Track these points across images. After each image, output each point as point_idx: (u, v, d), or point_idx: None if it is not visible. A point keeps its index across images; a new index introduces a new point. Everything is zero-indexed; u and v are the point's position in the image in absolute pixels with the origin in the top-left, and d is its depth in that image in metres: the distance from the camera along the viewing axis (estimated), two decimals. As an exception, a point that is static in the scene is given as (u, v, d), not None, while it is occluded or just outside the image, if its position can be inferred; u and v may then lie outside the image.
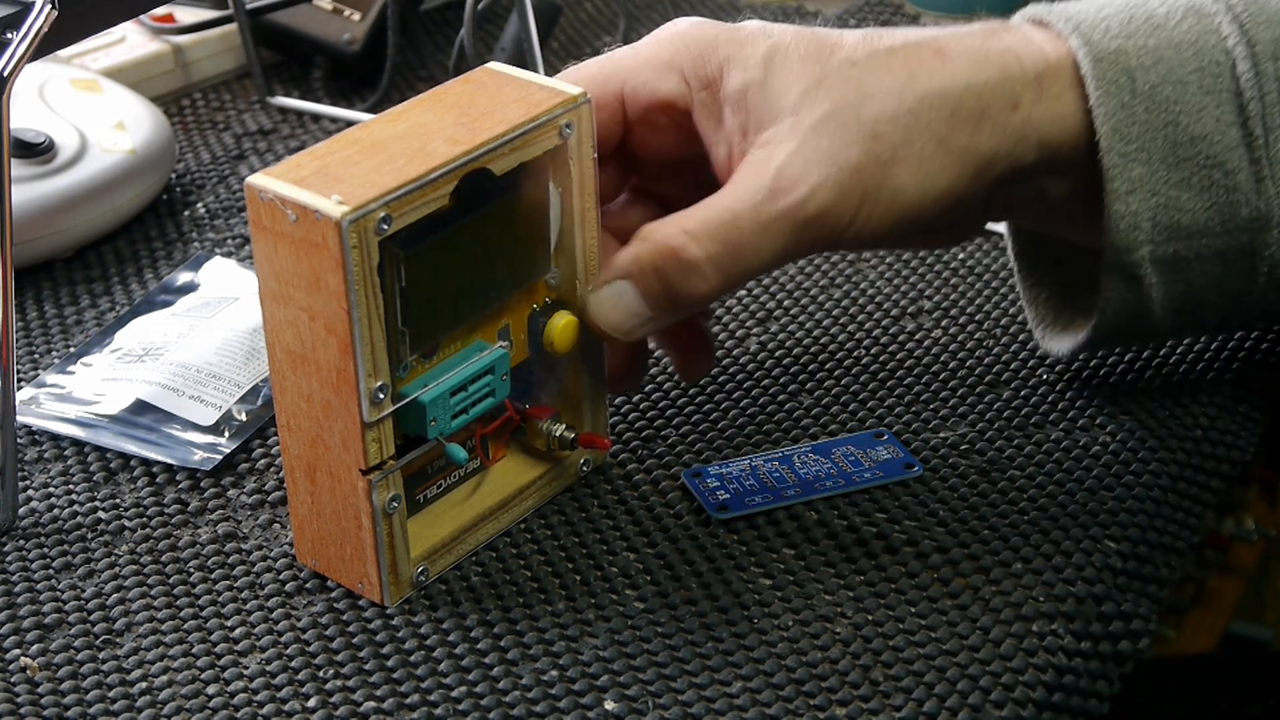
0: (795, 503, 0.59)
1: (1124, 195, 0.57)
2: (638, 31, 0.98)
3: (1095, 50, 0.57)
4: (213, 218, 0.80)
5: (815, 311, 0.71)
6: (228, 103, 0.91)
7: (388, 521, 0.54)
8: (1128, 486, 0.60)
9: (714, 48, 0.57)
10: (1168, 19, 0.57)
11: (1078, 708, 0.53)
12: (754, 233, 0.55)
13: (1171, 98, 0.56)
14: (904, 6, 1.02)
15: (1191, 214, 0.57)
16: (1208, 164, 0.57)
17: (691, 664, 0.53)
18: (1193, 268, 0.58)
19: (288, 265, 0.51)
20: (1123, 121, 0.56)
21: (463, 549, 0.57)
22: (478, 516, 0.58)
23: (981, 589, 0.55)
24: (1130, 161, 0.56)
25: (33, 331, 0.71)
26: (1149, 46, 0.57)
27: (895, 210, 0.56)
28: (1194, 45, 0.57)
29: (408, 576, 0.55)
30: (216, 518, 0.60)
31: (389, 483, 0.53)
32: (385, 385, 0.52)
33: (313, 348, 0.52)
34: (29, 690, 0.53)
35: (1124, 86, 0.56)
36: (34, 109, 0.80)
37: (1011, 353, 0.68)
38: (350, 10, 0.91)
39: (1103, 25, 0.57)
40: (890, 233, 0.57)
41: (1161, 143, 0.56)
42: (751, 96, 0.56)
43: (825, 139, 0.55)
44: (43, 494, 0.61)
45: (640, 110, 0.59)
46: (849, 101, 0.55)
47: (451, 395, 0.54)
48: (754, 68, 0.57)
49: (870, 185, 0.55)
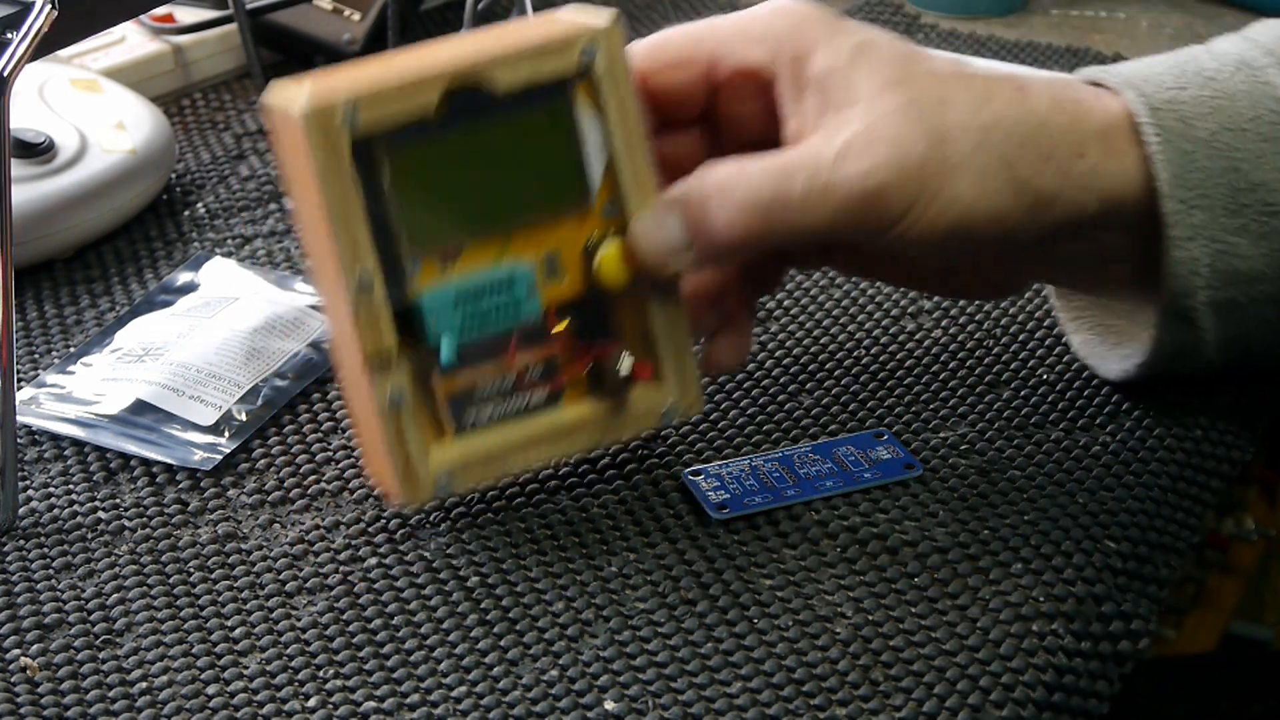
0: (795, 503, 0.59)
1: (1184, 242, 0.57)
2: (638, 31, 0.98)
3: (1150, 101, 0.57)
4: (213, 218, 0.80)
5: (815, 311, 0.71)
6: (228, 103, 0.91)
7: (395, 417, 0.55)
8: (1128, 486, 0.60)
9: (809, 27, 0.58)
10: (1219, 72, 0.58)
11: (1078, 708, 0.53)
12: (806, 191, 0.56)
13: (1231, 144, 0.57)
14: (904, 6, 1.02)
15: (1249, 260, 0.58)
16: (1267, 211, 0.57)
17: (691, 664, 0.53)
18: (1248, 312, 0.59)
19: (285, 164, 0.54)
20: (1183, 168, 0.57)
21: (501, 470, 0.57)
22: (525, 439, 0.57)
23: (981, 589, 0.55)
24: (1191, 208, 0.57)
25: (33, 331, 0.71)
26: (1203, 97, 0.58)
27: (948, 218, 0.56)
28: (1248, 95, 0.58)
29: (427, 480, 0.56)
30: (216, 518, 0.60)
31: (392, 374, 0.54)
32: (368, 270, 0.53)
33: (314, 240, 0.54)
34: (29, 690, 0.53)
35: (1181, 134, 0.57)
36: (34, 109, 0.80)
37: (1011, 353, 0.68)
38: (350, 10, 0.91)
39: (1156, 79, 0.58)
40: (938, 244, 0.57)
41: (1222, 189, 0.57)
42: (834, 81, 0.57)
43: (896, 127, 0.56)
44: (43, 494, 0.61)
45: (727, 74, 0.60)
46: (927, 102, 0.56)
47: (461, 302, 0.55)
48: (842, 55, 0.57)
49: (929, 183, 0.56)
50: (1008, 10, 1.02)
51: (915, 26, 1.00)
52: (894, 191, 0.56)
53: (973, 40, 0.98)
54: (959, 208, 0.56)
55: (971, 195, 0.56)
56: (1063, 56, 0.95)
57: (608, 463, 0.61)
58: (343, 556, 0.58)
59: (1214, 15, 1.02)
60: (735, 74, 0.60)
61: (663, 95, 0.60)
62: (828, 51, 0.57)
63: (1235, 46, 0.60)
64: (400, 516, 0.59)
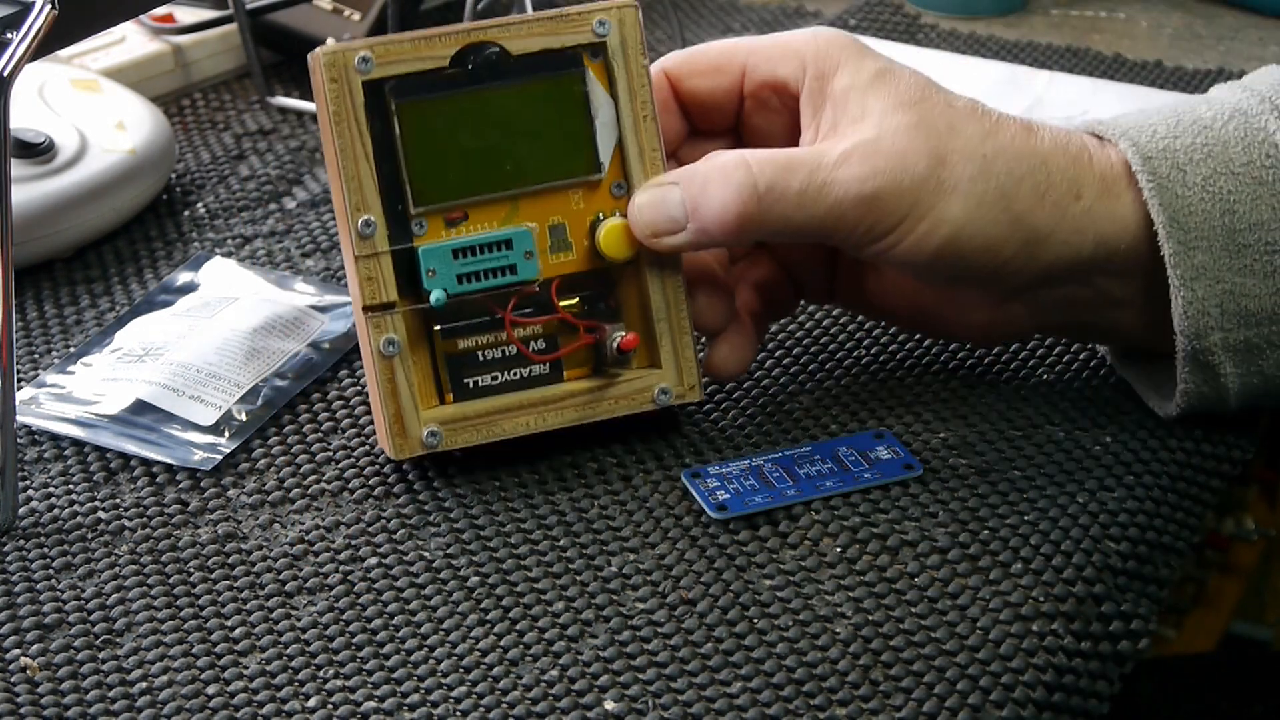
0: (795, 503, 0.59)
1: (1189, 282, 0.59)
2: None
3: (1144, 150, 0.59)
4: (213, 218, 0.80)
5: (815, 311, 0.71)
6: (228, 103, 0.91)
7: (387, 365, 0.57)
8: (1128, 487, 0.60)
9: (838, 50, 0.61)
10: (1214, 121, 0.60)
11: (1078, 708, 0.53)
12: (804, 186, 0.58)
13: (1225, 188, 0.59)
14: (904, 6, 1.02)
15: (1258, 299, 0.59)
16: (1269, 250, 0.59)
17: (691, 664, 0.53)
18: (1266, 356, 0.60)
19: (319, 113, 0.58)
20: (1179, 211, 0.59)
21: (490, 432, 0.59)
22: (518, 405, 0.60)
23: (981, 589, 0.55)
24: (1191, 249, 0.59)
25: (33, 331, 0.71)
26: (1197, 144, 0.60)
27: (938, 237, 0.58)
28: (1242, 141, 0.60)
29: (416, 434, 0.58)
30: (216, 518, 0.60)
31: (388, 324, 0.57)
32: (371, 220, 0.57)
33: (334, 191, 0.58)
34: (29, 690, 0.53)
35: (1176, 180, 0.59)
36: (34, 109, 0.80)
37: (1012, 352, 0.68)
38: (350, 10, 0.91)
39: (1150, 129, 0.60)
40: (928, 263, 0.59)
41: (1220, 230, 0.59)
42: (851, 98, 0.60)
43: (902, 142, 0.58)
44: (43, 494, 0.61)
45: (756, 85, 0.63)
46: (935, 126, 0.59)
47: (459, 256, 0.58)
48: (863, 77, 0.60)
49: (924, 200, 0.58)
50: (1008, 10, 1.02)
51: (915, 26, 1.00)
52: (888, 200, 0.58)
53: (973, 40, 0.98)
54: (949, 228, 0.58)
55: (964, 219, 0.58)
56: (1063, 56, 0.95)
57: (608, 463, 0.61)
58: (343, 556, 0.58)
59: (1214, 15, 1.02)
60: (763, 85, 0.63)
61: (695, 101, 0.64)
62: (850, 72, 0.60)
63: (1233, 96, 0.62)
64: (400, 516, 0.59)
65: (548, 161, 0.59)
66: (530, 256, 0.58)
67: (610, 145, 0.60)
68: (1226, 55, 0.96)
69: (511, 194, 0.59)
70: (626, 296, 0.61)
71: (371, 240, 0.57)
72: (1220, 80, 0.91)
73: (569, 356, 0.60)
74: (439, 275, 0.58)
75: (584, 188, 0.60)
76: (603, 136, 0.60)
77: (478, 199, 0.58)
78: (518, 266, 0.58)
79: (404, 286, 0.58)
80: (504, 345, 0.60)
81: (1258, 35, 0.99)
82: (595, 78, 0.59)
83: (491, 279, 0.58)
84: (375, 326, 0.57)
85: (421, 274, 0.58)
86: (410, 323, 0.58)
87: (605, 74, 0.60)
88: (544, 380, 0.60)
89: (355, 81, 0.57)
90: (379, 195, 0.57)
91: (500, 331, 0.59)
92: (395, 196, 0.58)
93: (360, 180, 0.57)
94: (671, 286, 0.60)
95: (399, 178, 0.58)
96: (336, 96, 0.57)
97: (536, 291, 0.59)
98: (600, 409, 0.60)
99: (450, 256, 0.58)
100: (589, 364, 0.61)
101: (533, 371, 0.60)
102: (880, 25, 0.99)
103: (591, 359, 0.61)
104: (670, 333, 0.61)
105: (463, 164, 0.58)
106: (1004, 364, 0.67)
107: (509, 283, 0.59)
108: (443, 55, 0.58)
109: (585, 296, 0.60)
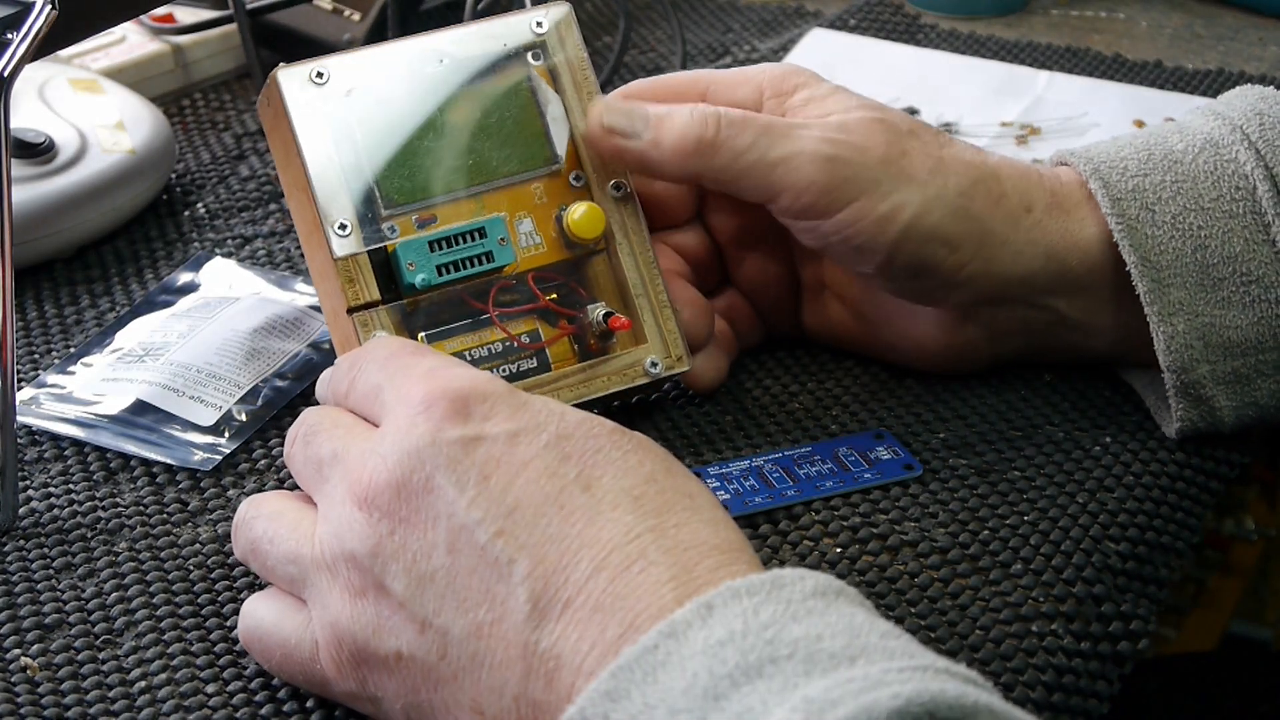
0: (795, 503, 0.59)
1: (1168, 318, 0.60)
2: (637, 32, 0.98)
3: (1113, 191, 0.60)
4: (213, 218, 0.80)
5: (815, 311, 0.71)
6: (228, 103, 0.91)
7: None
8: (1128, 487, 0.60)
9: (795, 75, 0.63)
10: (1185, 154, 0.61)
11: (1078, 708, 0.53)
12: (766, 128, 0.60)
13: (1195, 224, 0.60)
14: (904, 6, 1.02)
15: (1240, 330, 0.60)
16: (1245, 281, 0.60)
17: (691, 664, 0.53)
18: (1257, 385, 0.60)
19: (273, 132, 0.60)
20: (1150, 251, 0.60)
21: None
22: None
23: (981, 589, 0.55)
24: (1165, 286, 0.60)
25: (33, 331, 0.71)
26: (1167, 181, 0.60)
27: (897, 223, 0.59)
28: (1211, 175, 0.60)
29: None
30: (216, 518, 0.60)
31: (375, 320, 0.59)
32: (346, 222, 0.58)
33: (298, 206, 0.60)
34: (29, 690, 0.53)
35: (1145, 220, 0.60)
36: (34, 109, 0.80)
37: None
38: (350, 10, 0.91)
39: (1120, 165, 0.61)
40: (886, 255, 0.59)
41: (1193, 266, 0.60)
42: (813, 104, 0.62)
43: (864, 129, 0.60)
44: (43, 494, 0.61)
45: None
46: (896, 125, 0.61)
47: (435, 249, 0.59)
48: (821, 90, 0.62)
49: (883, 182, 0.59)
50: (1008, 10, 1.02)
51: (915, 26, 1.00)
52: (846, 169, 0.59)
53: (973, 40, 0.98)
54: (908, 214, 0.59)
55: (923, 208, 0.59)
56: (1063, 56, 0.95)
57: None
58: (343, 556, 0.58)
59: (1214, 15, 1.02)
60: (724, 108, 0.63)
61: None
62: (809, 90, 0.62)
63: (1206, 124, 0.62)
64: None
65: (507, 159, 0.61)
66: (505, 243, 0.60)
67: (564, 138, 0.62)
68: (1226, 55, 0.96)
69: (475, 191, 0.60)
70: (601, 281, 0.62)
71: (348, 241, 0.59)
72: (1220, 80, 0.92)
73: (554, 348, 0.61)
74: (418, 268, 0.59)
75: (544, 180, 0.62)
76: (555, 130, 0.62)
77: (444, 199, 0.60)
78: (494, 254, 0.60)
79: (384, 288, 0.59)
80: (489, 344, 0.60)
81: (1258, 35, 0.99)
82: (539, 76, 0.62)
83: (469, 268, 0.60)
84: (363, 325, 0.58)
85: (401, 269, 0.59)
86: (396, 327, 0.59)
87: (548, 72, 0.62)
88: (533, 372, 0.61)
89: (315, 95, 0.59)
90: (350, 204, 0.59)
91: (484, 330, 0.60)
92: (365, 204, 0.59)
93: (332, 187, 0.59)
94: (644, 262, 0.62)
95: (366, 185, 0.59)
96: (301, 112, 0.59)
97: (514, 284, 0.61)
98: (595, 386, 0.61)
99: (427, 249, 0.59)
100: (574, 353, 0.61)
101: (521, 366, 0.61)
102: (880, 25, 0.99)
103: (575, 348, 0.61)
104: (651, 307, 0.62)
105: (426, 166, 0.60)
106: (1004, 364, 0.67)
107: (488, 270, 0.60)
108: (391, 64, 0.60)
109: (558, 286, 0.61)
